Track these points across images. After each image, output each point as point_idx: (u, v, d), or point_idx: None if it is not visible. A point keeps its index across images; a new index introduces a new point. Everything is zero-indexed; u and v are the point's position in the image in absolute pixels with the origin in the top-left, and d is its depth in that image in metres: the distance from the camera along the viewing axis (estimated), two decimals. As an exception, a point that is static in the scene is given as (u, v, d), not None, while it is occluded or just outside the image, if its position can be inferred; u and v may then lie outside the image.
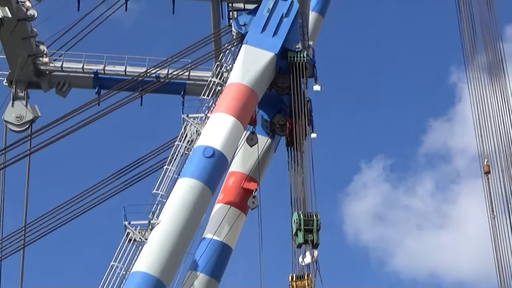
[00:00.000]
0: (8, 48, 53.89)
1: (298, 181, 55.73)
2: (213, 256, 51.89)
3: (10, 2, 51.80)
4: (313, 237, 53.90)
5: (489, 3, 64.03)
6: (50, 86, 56.92)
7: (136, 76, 55.89)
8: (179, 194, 46.14)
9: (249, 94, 50.55)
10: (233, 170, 52.71)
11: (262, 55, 51.67)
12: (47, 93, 57.41)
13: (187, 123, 50.93)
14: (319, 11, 59.48)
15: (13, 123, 54.71)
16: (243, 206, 53.97)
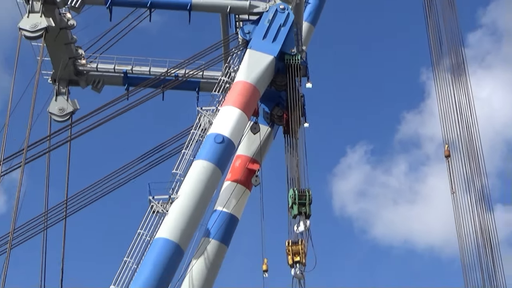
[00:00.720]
0: (52, 52, 54.05)
1: (293, 163, 55.96)
2: (222, 225, 52.14)
3: (54, 13, 52.03)
4: (306, 210, 54.16)
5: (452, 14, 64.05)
6: (87, 84, 57.16)
7: (159, 75, 56.14)
8: (194, 174, 46.50)
9: (252, 90, 50.80)
10: (239, 153, 53.03)
11: (263, 58, 51.86)
12: (84, 89, 57.61)
13: (201, 115, 51.15)
14: (311, 21, 59.49)
15: (56, 115, 54.98)
16: (248, 183, 54.28)
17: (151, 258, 43.42)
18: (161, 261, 43.46)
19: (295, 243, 53.47)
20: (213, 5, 54.54)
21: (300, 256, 53.13)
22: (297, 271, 52.97)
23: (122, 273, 43.77)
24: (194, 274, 50.03)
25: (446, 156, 59.79)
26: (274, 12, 53.04)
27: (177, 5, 54.75)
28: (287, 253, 53.39)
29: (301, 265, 52.96)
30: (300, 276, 52.99)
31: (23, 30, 51.19)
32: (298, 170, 56.00)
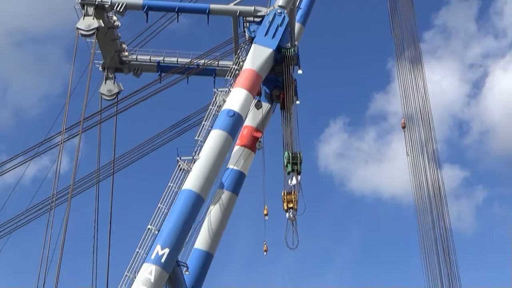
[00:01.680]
0: (102, 46, 54.64)
1: (287, 132, 56.68)
2: (233, 179, 52.94)
3: (103, 16, 52.70)
4: (297, 168, 55.02)
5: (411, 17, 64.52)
6: (129, 71, 57.76)
7: (184, 64, 56.79)
8: (211, 140, 47.20)
9: (256, 76, 51.35)
10: (246, 124, 53.51)
11: (265, 50, 52.23)
12: (127, 75, 58.17)
13: (217, 94, 51.77)
14: (302, 22, 59.72)
15: (105, 95, 55.85)
16: (253, 147, 54.89)
17: (179, 205, 44.32)
18: (186, 207, 44.40)
19: (289, 193, 54.37)
20: (226, 10, 54.97)
21: (293, 203, 54.06)
22: (291, 214, 53.94)
23: (156, 216, 44.75)
24: (212, 217, 50.90)
25: (402, 127, 60.87)
26: (273, 15, 53.28)
27: (198, 10, 55.22)
28: (283, 201, 54.32)
29: (294, 210, 53.92)
30: (293, 218, 53.94)
31: (79, 30, 51.97)
32: (292, 137, 56.76)
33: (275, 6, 54.31)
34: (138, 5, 54.57)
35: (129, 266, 43.14)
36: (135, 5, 54.50)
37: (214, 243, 51.17)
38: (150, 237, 43.63)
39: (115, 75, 57.24)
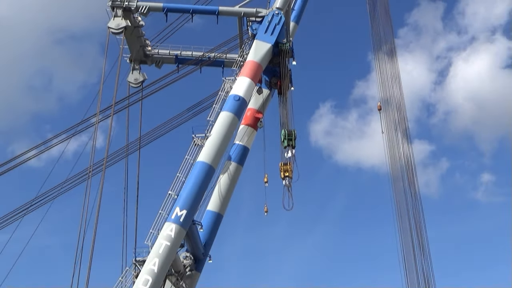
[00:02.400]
0: (129, 42, 54.68)
1: (284, 113, 56.84)
2: (239, 153, 53.17)
3: (130, 17, 52.82)
4: (292, 143, 55.32)
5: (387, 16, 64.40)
6: (152, 63, 57.83)
7: (198, 57, 57.05)
8: (221, 120, 47.41)
9: (257, 66, 51.38)
10: (250, 107, 53.48)
11: (265, 45, 52.14)
12: (150, 66, 58.25)
13: (225, 82, 51.91)
14: (296, 21, 59.46)
15: (132, 83, 56.07)
16: (255, 126, 54.94)
17: (194, 174, 44.79)
18: (200, 175, 44.87)
19: (285, 164, 54.73)
20: (232, 11, 54.84)
21: (288, 172, 54.45)
22: (286, 182, 54.36)
23: (175, 183, 45.20)
24: (221, 184, 51.27)
25: (379, 110, 61.10)
26: (272, 16, 53.10)
27: (209, 11, 55.08)
28: (280, 171, 54.69)
29: (289, 178, 54.32)
30: (288, 185, 54.35)
31: (110, 28, 52.10)
32: (287, 117, 56.91)
33: (273, 8, 54.12)
34: (159, 8, 54.58)
35: (153, 224, 43.72)
36: (156, 8, 54.48)
37: (224, 205, 51.61)
38: (170, 201, 44.10)
39: (140, 67, 57.24)
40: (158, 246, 40.91)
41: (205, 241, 49.54)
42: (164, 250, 40.70)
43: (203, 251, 49.36)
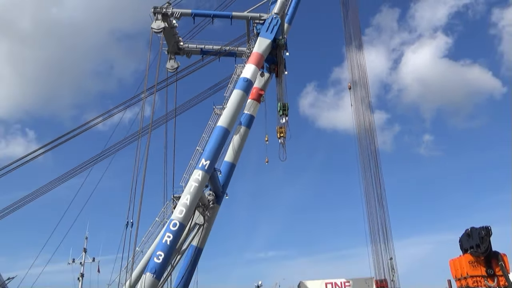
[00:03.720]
0: (167, 38, 54.34)
1: (279, 90, 56.83)
2: (247, 119, 53.19)
3: (167, 20, 52.36)
4: (286, 112, 55.53)
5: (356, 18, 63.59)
6: (183, 54, 57.35)
7: (217, 49, 56.75)
8: (234, 95, 47.36)
9: (261, 56, 50.94)
10: (255, 86, 52.97)
11: (266, 41, 51.60)
12: (182, 56, 57.82)
13: (237, 68, 51.78)
14: (289, 23, 58.28)
15: (169, 69, 55.76)
16: (258, 100, 54.83)
17: (215, 135, 45.10)
18: (219, 136, 45.15)
19: (280, 127, 55.13)
20: (242, 16, 53.97)
21: (283, 133, 54.85)
22: (281, 140, 54.86)
23: (201, 141, 45.71)
24: (234, 142, 51.57)
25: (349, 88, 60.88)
26: (271, 19, 52.44)
27: (225, 16, 54.25)
28: (277, 132, 55.06)
29: (283, 138, 54.80)
30: (283, 143, 54.82)
31: (153, 29, 51.60)
32: (282, 93, 56.94)
33: (272, 13, 53.48)
34: (188, 13, 53.94)
35: (186, 171, 44.48)
36: (186, 13, 53.84)
37: (236, 157, 52.04)
38: (198, 154, 44.69)
39: (175, 57, 56.65)
40: (189, 186, 41.68)
41: (223, 182, 50.24)
42: (194, 189, 41.47)
43: (222, 190, 50.12)
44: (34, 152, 55.78)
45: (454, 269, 51.47)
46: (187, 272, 47.91)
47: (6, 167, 52.93)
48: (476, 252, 48.09)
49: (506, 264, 48.95)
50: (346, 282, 66.52)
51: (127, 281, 40.45)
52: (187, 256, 48.58)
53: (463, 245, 50.98)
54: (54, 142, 53.45)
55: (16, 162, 53.26)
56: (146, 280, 37.35)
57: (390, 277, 56.72)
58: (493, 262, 48.40)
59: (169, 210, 45.63)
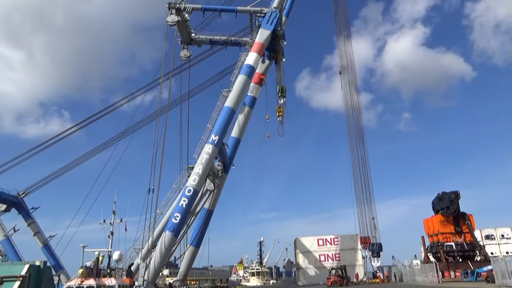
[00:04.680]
0: (180, 31, 53.19)
1: (278, 75, 56.05)
2: (250, 100, 52.63)
3: (180, 14, 51.07)
4: (284, 94, 54.93)
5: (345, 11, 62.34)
6: (195, 44, 56.22)
7: (224, 40, 55.43)
8: (239, 79, 46.49)
9: (262, 45, 49.82)
10: (257, 71, 52.23)
11: (266, 32, 50.42)
12: (193, 46, 56.69)
13: (241, 56, 51.11)
14: (286, 16, 57.01)
15: (183, 57, 54.56)
16: (260, 83, 54.10)
17: (222, 114, 44.48)
18: (226, 115, 44.49)
19: (279, 107, 54.63)
20: (245, 10, 52.62)
21: (281, 112, 54.42)
22: (280, 118, 54.44)
23: (211, 120, 45.44)
24: (240, 120, 51.18)
25: (339, 73, 60.20)
26: (271, 12, 51.32)
27: (230, 10, 52.86)
28: (276, 111, 54.62)
29: (281, 116, 54.36)
30: (281, 120, 54.50)
31: (168, 22, 50.37)
32: (280, 78, 56.23)
33: (272, 7, 52.17)
34: (199, 8, 52.70)
35: (198, 145, 44.39)
36: (197, 8, 52.61)
37: (241, 133, 51.79)
38: (208, 131, 44.47)
39: (187, 46, 55.53)
40: (201, 158, 41.55)
41: (230, 155, 50.19)
42: (205, 160, 41.34)
43: (229, 161, 50.13)
44: (69, 130, 56.18)
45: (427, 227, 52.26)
46: (200, 231, 48.44)
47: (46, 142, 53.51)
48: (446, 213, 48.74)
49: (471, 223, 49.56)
50: (335, 238, 67.30)
51: (149, 238, 40.77)
52: (200, 217, 48.98)
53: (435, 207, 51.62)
54: (85, 121, 53.83)
55: (54, 138, 53.81)
56: (166, 237, 37.77)
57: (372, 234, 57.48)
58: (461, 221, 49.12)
59: (184, 178, 45.72)
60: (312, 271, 65.66)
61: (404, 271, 56.29)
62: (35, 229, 55.58)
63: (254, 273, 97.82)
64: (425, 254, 51.77)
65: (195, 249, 48.08)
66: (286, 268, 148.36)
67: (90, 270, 23.71)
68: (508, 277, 29.57)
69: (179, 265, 51.76)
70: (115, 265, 27.87)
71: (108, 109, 53.71)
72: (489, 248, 60.14)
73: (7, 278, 5.05)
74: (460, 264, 46.43)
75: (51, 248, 54.43)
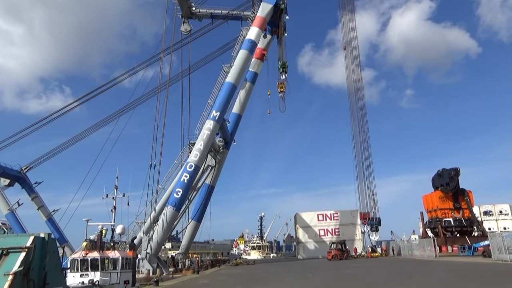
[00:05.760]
0: (181, 4, 52.36)
1: (280, 50, 55.61)
2: (252, 76, 52.31)
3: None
4: (286, 70, 54.53)
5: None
6: (196, 18, 55.13)
7: (225, 14, 54.33)
8: (240, 55, 46.15)
9: (263, 20, 49.11)
10: (258, 46, 51.67)
11: (268, 6, 49.66)
12: (194, 20, 55.62)
13: (242, 30, 50.34)
14: None
15: (183, 31, 53.63)
16: (262, 59, 53.68)
17: (223, 90, 44.39)
18: (227, 90, 44.39)
19: (281, 83, 54.48)
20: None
21: (282, 88, 54.19)
22: (281, 94, 54.26)
23: (212, 95, 45.17)
24: (241, 95, 51.18)
25: (344, 48, 59.36)
26: None
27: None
28: (277, 87, 54.39)
29: (283, 92, 54.19)
30: (282, 96, 54.49)
31: None
32: (282, 53, 55.75)
33: (274, -21, 51.31)
34: (199, -18, 51.98)
35: (199, 121, 44.31)
36: (198, -19, 51.90)
37: (242, 109, 51.75)
38: (209, 107, 44.30)
39: (188, 21, 54.48)
40: (202, 134, 41.65)
41: (231, 131, 50.27)
42: (206, 136, 41.46)
43: (230, 137, 50.26)
44: (70, 105, 55.99)
45: (426, 203, 52.71)
46: (202, 206, 49.05)
47: (48, 117, 53.42)
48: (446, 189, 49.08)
49: (470, 199, 49.96)
50: (334, 213, 68.02)
51: (152, 213, 41.34)
52: (201, 192, 49.52)
53: (434, 183, 51.94)
54: (87, 96, 53.54)
55: (56, 113, 53.70)
56: (168, 212, 38.32)
57: (372, 210, 58.05)
58: (460, 198, 49.52)
59: (186, 154, 45.91)
60: (311, 245, 66.76)
61: (402, 245, 57.14)
62: (39, 203, 56.26)
63: (255, 247, 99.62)
64: (424, 229, 52.43)
65: (197, 223, 48.81)
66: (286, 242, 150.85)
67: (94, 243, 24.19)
68: (504, 252, 30.06)
69: (181, 239, 52.68)
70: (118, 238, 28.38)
71: (110, 83, 53.45)
72: (487, 224, 60.85)
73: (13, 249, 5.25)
74: (458, 239, 47.09)
75: (55, 222, 55.22)
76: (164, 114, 42.09)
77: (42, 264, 5.03)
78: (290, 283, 20.04)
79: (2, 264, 4.83)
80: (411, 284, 16.30)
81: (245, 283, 20.39)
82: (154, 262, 36.48)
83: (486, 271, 22.17)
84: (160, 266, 37.09)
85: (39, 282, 4.86)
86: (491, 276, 18.93)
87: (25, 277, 4.66)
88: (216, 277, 27.62)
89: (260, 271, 32.21)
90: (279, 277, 24.50)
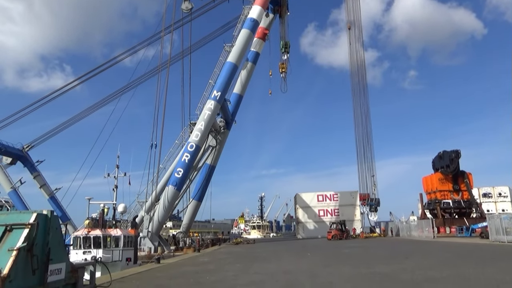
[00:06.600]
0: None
1: (283, 30, 54.83)
2: (253, 56, 51.71)
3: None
4: (288, 50, 53.96)
5: None
6: (197, -5, 54.36)
7: (226, -9, 53.48)
8: (242, 34, 45.81)
9: (266, -1, 48.52)
10: (260, 26, 50.94)
11: None
12: (195, -2, 54.77)
13: (244, 9, 49.68)
14: None
15: (184, 10, 52.46)
16: (264, 38, 52.94)
17: (225, 69, 44.19)
18: (229, 71, 44.14)
19: (282, 63, 54.02)
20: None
21: (284, 69, 53.74)
22: (283, 75, 53.87)
23: (213, 75, 44.91)
24: (242, 76, 50.78)
25: (348, 28, 58.47)
26: None
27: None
28: (279, 67, 53.90)
29: (284, 73, 53.83)
30: (284, 77, 54.15)
31: None
32: (285, 32, 55.00)
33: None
34: (200, -44, 50.75)
35: (200, 100, 44.19)
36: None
37: (243, 89, 51.47)
38: (210, 87, 44.12)
39: None
40: (203, 114, 41.59)
41: (232, 111, 50.16)
42: (207, 117, 41.41)
43: (231, 117, 50.19)
44: (71, 83, 55.84)
45: (426, 184, 53.01)
46: (203, 185, 49.38)
47: (49, 96, 53.37)
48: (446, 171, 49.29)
49: (470, 181, 50.21)
50: (334, 194, 68.43)
51: (153, 192, 41.69)
52: (202, 172, 49.78)
53: (435, 165, 52.14)
54: (88, 75, 53.27)
55: (57, 91, 53.57)
56: (169, 191, 38.64)
57: (372, 191, 58.39)
58: (459, 180, 49.76)
59: (187, 134, 45.98)
60: (311, 225, 67.42)
61: (401, 226, 57.71)
62: (41, 182, 56.74)
63: (255, 227, 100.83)
64: (422, 211, 52.86)
65: (198, 203, 49.25)
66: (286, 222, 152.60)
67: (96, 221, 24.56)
68: (501, 233, 30.46)
69: (182, 218, 53.27)
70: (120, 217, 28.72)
71: (110, 62, 53.06)
72: (485, 205, 61.19)
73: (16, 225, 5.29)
74: (456, 221, 47.53)
75: (58, 200, 55.84)
76: (165, 93, 41.90)
77: (45, 240, 5.09)
78: (290, 261, 20.35)
79: (6, 240, 4.90)
80: (409, 263, 16.54)
81: (245, 261, 20.71)
82: (156, 240, 37.01)
83: (483, 252, 22.46)
84: (162, 244, 37.64)
85: (42, 257, 4.93)
86: (489, 257, 19.17)
87: (28, 252, 4.74)
88: (216, 255, 28.04)
89: (260, 250, 32.68)
90: (279, 255, 24.88)
